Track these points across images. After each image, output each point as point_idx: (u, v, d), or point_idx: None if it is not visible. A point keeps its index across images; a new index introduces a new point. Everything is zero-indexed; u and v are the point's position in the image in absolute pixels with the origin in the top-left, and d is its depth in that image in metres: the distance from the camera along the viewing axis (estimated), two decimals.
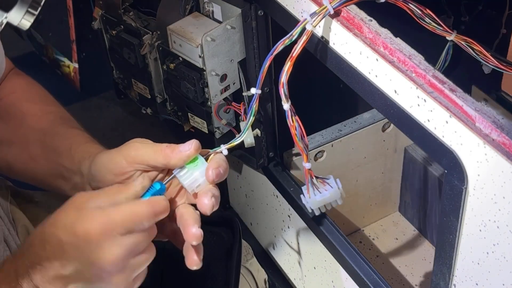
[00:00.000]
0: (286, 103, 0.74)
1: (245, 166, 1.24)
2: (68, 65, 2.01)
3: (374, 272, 0.98)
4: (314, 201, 0.82)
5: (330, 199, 0.82)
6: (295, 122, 0.75)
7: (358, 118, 1.19)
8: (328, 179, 0.82)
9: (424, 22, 0.70)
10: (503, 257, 0.64)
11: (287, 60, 0.73)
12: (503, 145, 0.59)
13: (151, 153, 0.70)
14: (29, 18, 0.62)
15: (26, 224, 0.93)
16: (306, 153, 0.77)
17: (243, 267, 1.08)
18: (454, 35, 0.71)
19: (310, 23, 0.72)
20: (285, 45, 0.74)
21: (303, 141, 0.76)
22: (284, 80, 0.73)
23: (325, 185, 0.81)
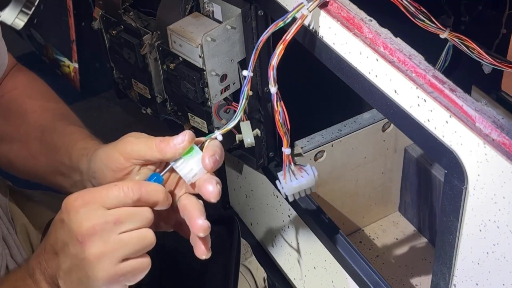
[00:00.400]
0: (273, 86, 0.75)
1: (245, 166, 1.24)
2: (68, 65, 2.01)
3: (374, 272, 0.98)
4: (290, 187, 0.83)
5: (305, 185, 0.83)
6: (279, 107, 0.76)
7: (358, 118, 1.19)
8: (305, 167, 0.83)
9: (417, 20, 0.70)
10: (503, 257, 0.64)
11: (280, 43, 0.73)
12: (503, 145, 0.59)
13: (146, 148, 0.70)
14: (22, 17, 0.62)
15: (25, 223, 0.94)
16: (287, 138, 0.78)
17: (242, 266, 1.08)
18: (447, 33, 0.71)
19: (306, 8, 0.73)
20: (278, 27, 0.74)
21: (285, 126, 0.77)
22: (274, 63, 0.73)
23: (301, 172, 0.83)
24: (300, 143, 1.15)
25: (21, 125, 0.86)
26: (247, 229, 1.36)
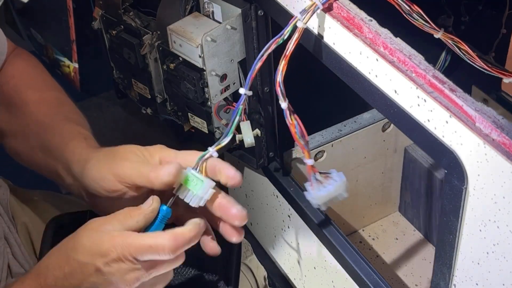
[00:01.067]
0: (283, 102, 0.74)
1: (245, 166, 1.24)
2: (68, 65, 2.01)
3: (374, 272, 0.98)
4: (319, 196, 0.81)
5: (335, 192, 0.81)
6: (294, 120, 0.75)
7: (358, 118, 1.19)
8: (331, 173, 0.81)
9: (412, 19, 0.70)
10: (503, 257, 0.64)
11: (281, 59, 0.73)
12: (503, 145, 0.59)
13: (137, 176, 0.70)
14: None
15: (26, 222, 0.94)
16: (307, 150, 0.77)
17: (243, 264, 1.08)
18: (441, 33, 0.71)
19: (300, 21, 0.72)
20: (277, 44, 0.73)
21: (303, 139, 0.75)
22: (279, 79, 0.73)
23: (328, 180, 0.81)
24: None
25: (22, 118, 0.86)
26: (247, 229, 1.36)
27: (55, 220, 0.85)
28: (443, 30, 0.71)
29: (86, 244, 0.66)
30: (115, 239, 0.65)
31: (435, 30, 0.70)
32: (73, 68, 1.99)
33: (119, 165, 0.71)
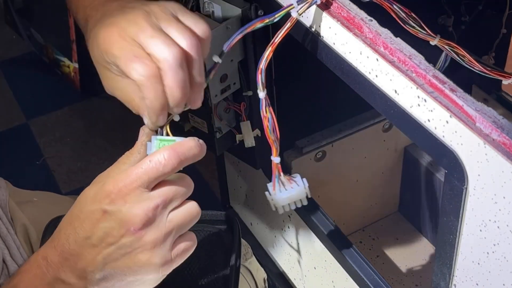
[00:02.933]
0: (261, 91, 0.72)
1: (245, 166, 1.24)
2: (68, 65, 2.01)
3: (374, 272, 0.98)
4: (279, 198, 0.79)
5: (295, 197, 0.79)
6: (268, 113, 0.72)
7: (358, 118, 1.19)
8: (295, 177, 0.79)
9: (407, 26, 0.69)
10: (503, 257, 0.64)
11: (268, 46, 0.71)
12: (504, 145, 0.59)
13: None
14: None
15: (25, 223, 0.93)
16: (276, 146, 0.74)
17: (242, 266, 1.08)
18: (437, 40, 0.71)
19: (295, 10, 0.71)
20: (264, 24, 0.72)
21: (274, 134, 0.73)
22: (263, 66, 0.70)
23: (291, 183, 0.79)
24: (300, 143, 1.15)
25: None
26: (247, 229, 1.36)
27: (54, 221, 0.85)
28: (439, 36, 0.71)
29: (90, 194, 0.64)
30: (116, 177, 0.63)
31: (431, 37, 0.70)
32: (73, 68, 2.00)
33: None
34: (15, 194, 0.97)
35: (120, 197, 0.62)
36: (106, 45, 0.66)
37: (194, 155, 0.65)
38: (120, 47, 0.65)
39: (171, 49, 0.64)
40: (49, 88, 2.09)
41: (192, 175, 0.68)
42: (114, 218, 0.62)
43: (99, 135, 1.89)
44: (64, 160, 1.85)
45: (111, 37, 0.66)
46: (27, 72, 2.13)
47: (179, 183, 0.64)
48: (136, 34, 0.65)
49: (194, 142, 0.65)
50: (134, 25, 0.65)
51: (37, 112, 2.01)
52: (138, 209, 0.62)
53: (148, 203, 0.62)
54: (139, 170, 0.62)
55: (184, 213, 0.64)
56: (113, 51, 0.66)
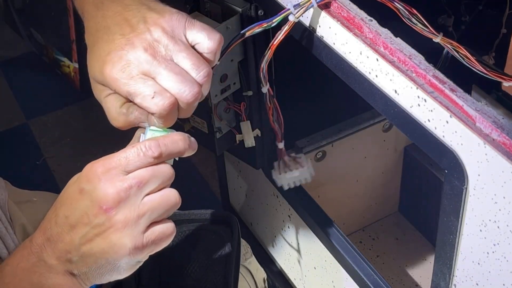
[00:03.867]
0: (264, 86, 0.77)
1: (245, 166, 1.24)
2: (68, 65, 2.01)
3: (374, 272, 0.98)
4: (284, 177, 0.86)
5: (300, 176, 0.86)
6: (271, 104, 0.78)
7: (358, 118, 1.19)
8: (300, 158, 0.85)
9: (410, 23, 0.70)
10: (503, 257, 0.64)
11: (268, 49, 0.74)
12: (504, 145, 0.59)
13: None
14: None
15: (24, 223, 0.93)
16: (280, 133, 0.81)
17: (242, 266, 1.08)
18: (440, 37, 0.71)
19: (293, 14, 0.73)
20: (262, 28, 0.74)
21: (278, 122, 0.80)
22: (263, 66, 0.75)
23: (296, 164, 0.86)
24: (300, 143, 1.15)
25: None
26: (247, 229, 1.36)
27: None
28: (441, 34, 0.71)
29: (74, 178, 0.65)
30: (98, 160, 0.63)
31: (434, 35, 0.70)
32: (73, 68, 2.00)
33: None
34: (15, 194, 0.97)
35: (96, 176, 0.62)
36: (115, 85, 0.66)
37: (178, 149, 0.65)
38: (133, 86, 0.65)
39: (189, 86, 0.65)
40: (49, 88, 2.09)
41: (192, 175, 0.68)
42: (89, 196, 0.62)
43: (99, 135, 1.89)
44: (64, 160, 1.85)
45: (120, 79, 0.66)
46: (27, 72, 2.13)
47: (158, 170, 0.64)
48: (149, 72, 0.65)
49: (180, 136, 0.66)
50: (145, 63, 0.65)
51: (37, 112, 2.01)
52: (110, 188, 0.62)
53: (122, 183, 0.62)
54: (120, 154, 0.63)
55: (160, 198, 0.64)
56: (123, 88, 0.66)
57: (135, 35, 0.66)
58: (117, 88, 0.66)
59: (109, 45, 0.67)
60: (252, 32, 0.74)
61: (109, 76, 0.66)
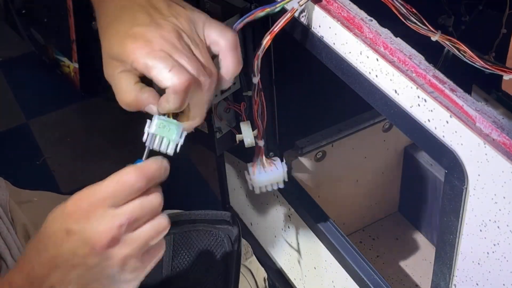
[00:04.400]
0: (255, 76, 0.75)
1: (245, 166, 1.24)
2: (68, 65, 2.01)
3: (374, 272, 0.98)
4: (258, 179, 0.83)
5: (273, 180, 0.84)
6: (258, 97, 0.76)
7: (358, 118, 1.19)
8: (275, 161, 0.83)
9: (409, 22, 0.70)
10: (503, 257, 0.64)
11: (267, 34, 0.73)
12: (504, 145, 0.59)
13: None
14: None
15: (25, 223, 0.93)
16: (262, 131, 0.80)
17: (243, 266, 1.08)
18: (438, 35, 0.71)
19: (296, 1, 0.72)
20: (265, 13, 0.74)
21: (261, 117, 0.78)
22: (260, 53, 0.73)
23: (271, 166, 0.83)
24: (300, 143, 1.15)
25: None
26: (247, 229, 1.36)
27: None
28: (440, 32, 0.71)
29: (54, 214, 0.62)
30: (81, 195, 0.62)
31: (432, 33, 0.70)
32: (73, 68, 1.99)
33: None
34: (15, 194, 0.97)
35: (83, 214, 0.61)
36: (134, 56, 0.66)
37: (160, 176, 0.65)
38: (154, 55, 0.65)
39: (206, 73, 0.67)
40: (49, 88, 2.09)
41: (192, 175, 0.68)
42: (78, 237, 0.61)
43: (99, 135, 1.89)
44: (64, 160, 1.85)
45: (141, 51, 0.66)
46: (27, 72, 2.13)
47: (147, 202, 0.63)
48: (170, 51, 0.66)
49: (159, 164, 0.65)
50: (168, 43, 0.66)
51: (37, 112, 2.01)
52: (102, 228, 0.60)
53: (113, 221, 0.61)
54: (106, 188, 0.61)
55: (151, 228, 0.63)
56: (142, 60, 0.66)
57: (161, 17, 0.67)
58: (135, 60, 0.66)
59: (133, 22, 0.67)
60: (254, 16, 0.73)
61: (130, 48, 0.66)
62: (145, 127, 0.68)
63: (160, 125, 0.68)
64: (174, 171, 0.67)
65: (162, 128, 0.68)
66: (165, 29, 0.67)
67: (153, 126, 0.68)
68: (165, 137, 0.68)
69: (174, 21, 0.68)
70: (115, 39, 0.68)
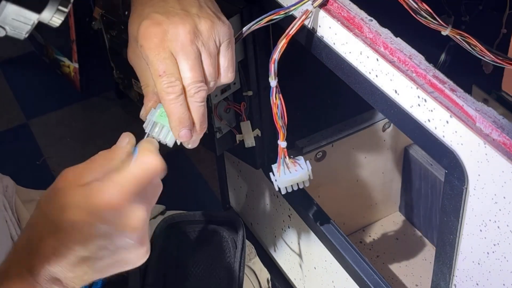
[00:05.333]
0: (273, 80, 0.76)
1: (245, 166, 1.24)
2: (68, 65, 2.01)
3: (374, 272, 0.98)
4: (283, 179, 0.84)
5: (298, 179, 0.84)
6: (278, 100, 0.77)
7: (358, 118, 1.19)
8: (299, 160, 0.84)
9: (419, 16, 0.70)
10: (503, 257, 0.64)
11: (282, 37, 0.73)
12: (504, 145, 0.59)
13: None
14: (59, 16, 0.62)
15: None
16: (283, 131, 0.79)
17: (246, 267, 1.08)
18: (449, 30, 0.71)
19: (310, 3, 0.73)
20: (279, 16, 0.75)
21: (282, 120, 0.78)
22: (276, 57, 0.74)
23: (295, 166, 0.83)
24: (300, 143, 1.15)
25: None
26: (247, 229, 1.36)
27: None
28: (450, 26, 0.71)
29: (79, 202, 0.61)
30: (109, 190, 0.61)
31: (443, 27, 0.70)
32: (73, 68, 2.00)
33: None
34: (20, 193, 0.97)
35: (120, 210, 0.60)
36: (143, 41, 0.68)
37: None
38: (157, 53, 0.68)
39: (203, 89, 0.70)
40: (49, 88, 2.09)
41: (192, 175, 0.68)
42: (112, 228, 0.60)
43: (99, 135, 1.89)
44: (64, 160, 1.84)
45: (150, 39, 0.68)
46: (27, 72, 2.13)
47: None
48: (176, 52, 0.68)
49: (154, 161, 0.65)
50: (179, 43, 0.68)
51: (37, 112, 2.01)
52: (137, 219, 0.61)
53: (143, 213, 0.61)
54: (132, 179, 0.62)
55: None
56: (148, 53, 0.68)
57: (185, 14, 0.69)
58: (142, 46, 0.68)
59: (158, 9, 0.69)
60: (270, 19, 0.75)
61: (143, 31, 0.68)
62: (148, 115, 0.71)
63: (163, 114, 0.70)
64: (174, 171, 0.67)
65: (164, 117, 0.70)
66: (183, 26, 0.68)
67: (155, 114, 0.70)
68: (165, 126, 0.70)
69: (197, 22, 0.69)
70: (137, 21, 0.70)
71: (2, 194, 0.92)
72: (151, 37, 0.68)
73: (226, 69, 0.73)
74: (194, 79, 0.69)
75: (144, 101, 0.73)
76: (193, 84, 0.69)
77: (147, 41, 0.68)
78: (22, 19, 0.60)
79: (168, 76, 0.68)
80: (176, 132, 0.70)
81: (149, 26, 0.68)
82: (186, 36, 0.68)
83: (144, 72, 0.73)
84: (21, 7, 0.59)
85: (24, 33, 0.62)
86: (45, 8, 0.60)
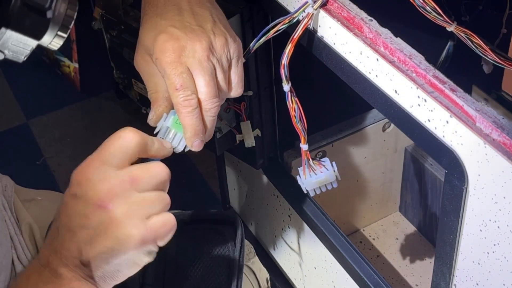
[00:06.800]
0: (286, 84, 0.77)
1: (245, 166, 1.24)
2: (68, 65, 2.01)
3: (375, 272, 0.98)
4: (309, 182, 0.83)
5: (325, 181, 0.84)
6: (294, 103, 0.77)
7: (358, 118, 1.19)
8: (324, 162, 0.83)
9: (425, 11, 0.70)
10: (503, 257, 0.64)
11: (288, 43, 0.75)
12: (504, 145, 0.59)
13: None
14: (58, 41, 0.63)
15: (30, 222, 0.93)
16: (304, 135, 0.79)
17: (245, 266, 1.08)
18: (454, 26, 0.71)
19: (311, 6, 0.74)
20: (286, 25, 0.76)
21: (301, 123, 0.78)
22: (285, 62, 0.75)
23: (321, 167, 0.83)
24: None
25: None
26: (247, 229, 1.36)
27: None
28: (455, 23, 0.71)
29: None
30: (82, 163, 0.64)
31: (448, 23, 0.70)
32: (73, 68, 2.00)
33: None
34: (20, 192, 0.97)
35: (85, 176, 0.63)
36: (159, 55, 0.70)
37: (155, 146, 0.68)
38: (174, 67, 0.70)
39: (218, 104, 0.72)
40: (49, 88, 2.08)
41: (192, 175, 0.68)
42: (82, 199, 0.62)
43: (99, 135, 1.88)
44: (64, 160, 1.84)
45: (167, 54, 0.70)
46: (27, 72, 2.13)
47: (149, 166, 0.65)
48: (193, 67, 0.70)
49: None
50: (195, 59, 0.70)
51: (37, 112, 2.01)
52: (102, 184, 0.62)
53: (113, 178, 0.62)
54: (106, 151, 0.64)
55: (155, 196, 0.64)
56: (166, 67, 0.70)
57: (201, 30, 0.72)
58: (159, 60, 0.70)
59: (174, 22, 0.71)
60: (276, 29, 0.76)
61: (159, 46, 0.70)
62: (160, 121, 0.73)
63: (177, 122, 0.72)
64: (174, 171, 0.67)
65: (178, 125, 0.72)
66: (200, 43, 0.70)
67: (170, 121, 0.72)
68: (179, 133, 0.72)
69: (212, 40, 0.71)
70: (152, 32, 0.72)
71: (1, 193, 0.92)
72: (169, 51, 0.70)
73: (236, 85, 0.75)
74: (210, 94, 0.71)
75: (152, 106, 0.74)
76: (209, 100, 0.71)
77: (165, 55, 0.70)
78: (22, 44, 0.62)
79: (185, 90, 0.70)
80: (190, 142, 0.72)
81: (167, 40, 0.70)
82: (203, 53, 0.70)
83: (153, 78, 0.74)
84: (21, 33, 0.61)
85: (22, 57, 0.63)
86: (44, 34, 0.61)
